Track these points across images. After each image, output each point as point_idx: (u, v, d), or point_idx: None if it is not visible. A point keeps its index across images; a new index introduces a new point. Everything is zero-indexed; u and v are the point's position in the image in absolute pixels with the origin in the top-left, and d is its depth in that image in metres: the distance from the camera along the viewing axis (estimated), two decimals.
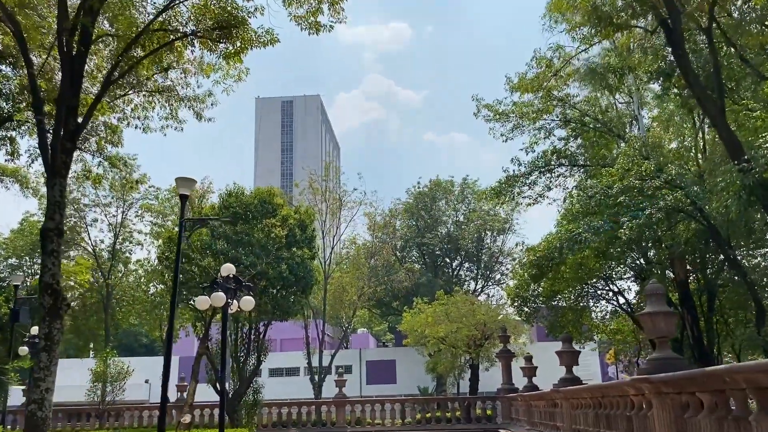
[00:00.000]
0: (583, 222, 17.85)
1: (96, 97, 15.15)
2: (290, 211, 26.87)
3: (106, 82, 15.16)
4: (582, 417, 15.05)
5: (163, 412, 13.42)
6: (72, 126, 12.51)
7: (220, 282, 14.87)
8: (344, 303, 43.18)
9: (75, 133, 12.82)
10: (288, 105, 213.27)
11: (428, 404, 32.58)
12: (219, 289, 14.68)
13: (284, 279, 24.51)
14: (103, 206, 40.80)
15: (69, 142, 12.57)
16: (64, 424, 30.82)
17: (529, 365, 24.02)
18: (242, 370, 25.32)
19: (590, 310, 31.62)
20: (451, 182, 63.41)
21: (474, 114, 22.78)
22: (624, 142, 20.99)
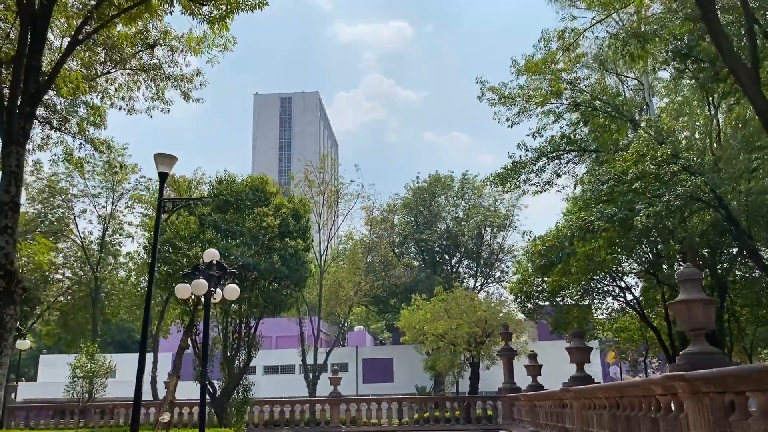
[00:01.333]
0: (596, 209, 16.62)
1: (60, 58, 13.86)
2: (283, 200, 25.61)
3: (73, 41, 13.88)
4: (595, 418, 13.83)
5: (136, 410, 12.17)
6: (32, 89, 11.29)
7: (202, 268, 13.62)
8: (340, 299, 41.89)
9: (35, 96, 11.58)
10: (286, 102, 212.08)
11: (426, 404, 31.36)
12: (201, 276, 13.43)
13: (276, 271, 23.25)
14: (92, 197, 39.51)
15: (28, 106, 11.34)
16: (47, 422, 29.58)
17: (533, 363, 22.81)
18: (232, 366, 24.04)
19: (596, 307, 30.41)
20: (450, 177, 62.13)
21: (478, 97, 21.57)
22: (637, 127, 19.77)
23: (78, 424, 27.19)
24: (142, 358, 12.48)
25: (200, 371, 24.19)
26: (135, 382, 12.14)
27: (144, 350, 12.52)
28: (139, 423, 12.21)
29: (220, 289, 13.83)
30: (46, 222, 38.64)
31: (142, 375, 12.30)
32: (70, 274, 40.90)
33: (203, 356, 13.23)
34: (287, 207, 25.28)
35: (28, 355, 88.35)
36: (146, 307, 12.86)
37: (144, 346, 12.56)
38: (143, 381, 12.27)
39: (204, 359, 13.15)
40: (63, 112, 21.30)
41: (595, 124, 20.60)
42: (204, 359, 13.15)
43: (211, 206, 24.03)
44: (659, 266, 26.17)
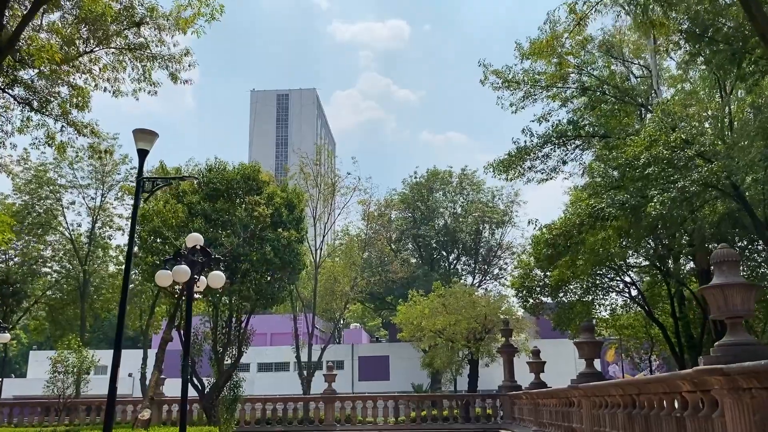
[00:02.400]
0: (606, 196, 15.64)
1: (23, 18, 12.80)
2: (276, 190, 24.56)
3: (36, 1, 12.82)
4: (608, 418, 12.85)
5: (110, 408, 11.14)
6: None
7: (185, 254, 12.59)
8: (336, 294, 40.85)
9: None
10: (283, 98, 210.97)
11: (423, 402, 30.38)
12: (183, 262, 12.40)
13: (268, 262, 22.21)
14: (81, 188, 38.40)
15: None
16: (31, 419, 28.51)
17: (536, 360, 21.83)
18: (221, 362, 23.00)
19: (599, 303, 29.45)
20: (448, 173, 61.18)
21: (480, 81, 20.54)
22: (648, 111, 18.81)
23: (63, 420, 26.12)
24: (117, 352, 11.49)
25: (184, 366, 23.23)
26: (109, 377, 11.13)
27: (119, 343, 11.54)
28: (113, 421, 11.21)
29: (205, 276, 12.81)
30: (33, 213, 37.50)
31: (116, 370, 11.32)
32: (58, 268, 39.80)
33: (185, 349, 12.21)
34: (280, 196, 24.24)
35: (19, 351, 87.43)
36: (122, 296, 11.90)
37: (119, 339, 11.58)
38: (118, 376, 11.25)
39: (186, 352, 12.14)
40: (44, 93, 20.30)
41: (603, 110, 19.63)
42: (186, 352, 12.14)
43: (201, 194, 22.98)
44: (666, 260, 25.25)
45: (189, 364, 12.00)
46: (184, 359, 12.13)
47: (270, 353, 64.51)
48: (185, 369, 11.98)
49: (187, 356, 12.10)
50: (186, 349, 12.19)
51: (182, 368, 11.92)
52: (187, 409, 28.33)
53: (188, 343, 12.27)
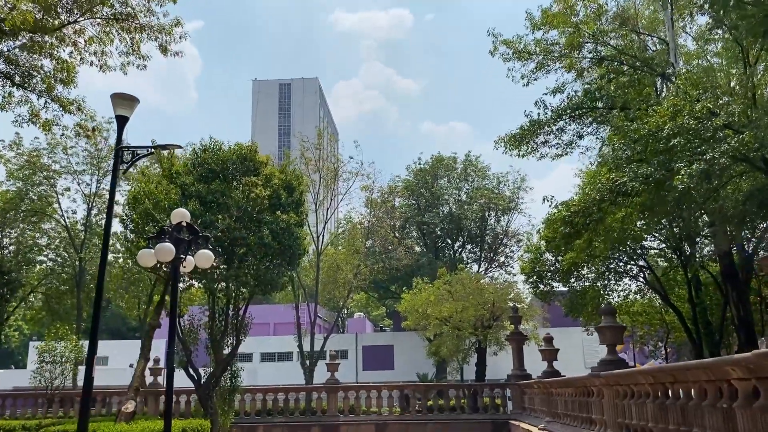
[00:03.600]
0: (629, 169, 14.44)
1: None
2: (275, 171, 23.40)
3: None
4: (634, 409, 11.73)
5: (85, 401, 10.07)
6: None
7: (169, 231, 11.47)
8: (338, 282, 39.75)
9: None
10: (286, 88, 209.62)
11: (429, 392, 29.36)
12: (167, 239, 11.28)
13: (266, 246, 21.07)
14: (75, 173, 37.27)
15: None
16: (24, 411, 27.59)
17: (549, 347, 20.71)
18: (219, 351, 21.95)
19: (611, 289, 28.29)
20: (453, 159, 59.92)
21: (490, 52, 19.30)
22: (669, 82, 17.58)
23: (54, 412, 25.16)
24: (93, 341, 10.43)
25: (184, 357, 22.21)
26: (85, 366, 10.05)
27: (95, 332, 10.47)
28: (88, 415, 10.17)
29: (192, 256, 11.69)
30: (27, 200, 36.43)
31: (92, 360, 10.27)
32: (53, 256, 38.77)
33: (169, 335, 11.12)
34: (279, 178, 23.08)
35: (21, 342, 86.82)
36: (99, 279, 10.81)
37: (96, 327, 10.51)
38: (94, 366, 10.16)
39: (171, 338, 11.05)
40: (26, 66, 19.17)
41: (621, 82, 18.39)
42: (171, 338, 11.05)
43: (195, 176, 21.84)
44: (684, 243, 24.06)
45: (174, 351, 10.90)
46: (169, 346, 11.04)
47: (273, 343, 63.70)
48: (170, 357, 10.90)
49: (172, 343, 11.02)
50: (171, 336, 11.10)
51: (167, 356, 10.82)
52: (185, 400, 27.56)
53: (173, 329, 11.17)
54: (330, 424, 27.47)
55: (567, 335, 43.69)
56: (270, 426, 27.60)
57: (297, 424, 27.64)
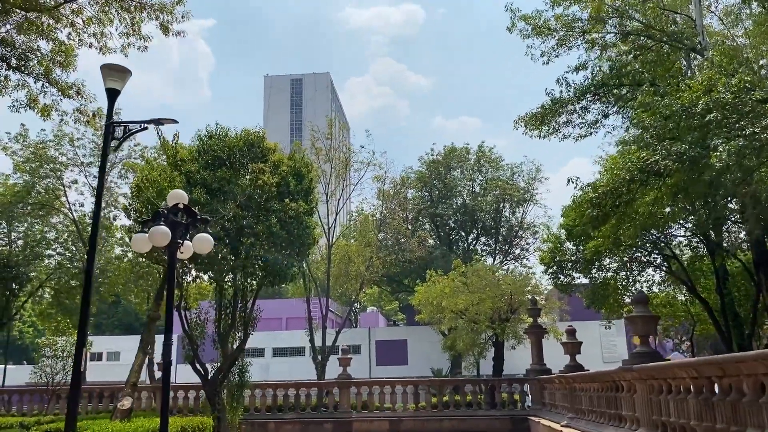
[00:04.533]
0: (661, 147, 13.37)
1: None
2: (283, 157, 22.50)
3: None
4: (672, 405, 10.72)
5: (74, 395, 9.23)
6: None
7: (165, 213, 10.59)
8: (350, 275, 38.82)
9: None
10: (297, 83, 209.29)
11: (445, 387, 28.41)
12: (163, 223, 10.41)
13: (274, 235, 20.20)
14: (83, 166, 36.60)
15: None
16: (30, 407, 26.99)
17: (571, 340, 19.70)
18: (225, 345, 21.12)
19: (634, 279, 27.16)
20: (466, 149, 58.77)
21: (508, 28, 18.24)
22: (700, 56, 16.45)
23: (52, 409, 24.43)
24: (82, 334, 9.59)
25: (190, 352, 21.42)
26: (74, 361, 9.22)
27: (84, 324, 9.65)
28: (76, 411, 9.36)
29: (189, 239, 10.81)
30: (33, 193, 35.84)
31: (81, 353, 9.48)
32: (62, 250, 38.20)
33: (166, 327, 10.26)
34: (287, 165, 22.18)
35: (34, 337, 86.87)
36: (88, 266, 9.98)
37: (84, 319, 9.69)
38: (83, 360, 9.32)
39: (167, 331, 10.19)
40: (22, 49, 18.41)
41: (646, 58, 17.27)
42: (167, 331, 10.19)
43: (200, 163, 21.01)
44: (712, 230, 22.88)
45: (170, 344, 10.04)
46: (166, 338, 10.18)
47: (285, 338, 63.11)
48: (167, 351, 10.05)
49: (169, 335, 10.15)
50: (168, 328, 10.24)
51: (163, 349, 9.97)
52: (194, 396, 26.82)
53: (170, 321, 10.30)
54: (343, 420, 26.61)
55: (584, 329, 42.32)
56: (281, 422, 26.80)
57: (309, 421, 26.83)
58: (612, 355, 58.19)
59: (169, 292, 10.51)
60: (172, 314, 10.44)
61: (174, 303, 22.39)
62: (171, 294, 10.52)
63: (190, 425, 15.08)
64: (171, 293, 10.52)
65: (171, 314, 10.44)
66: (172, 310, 10.42)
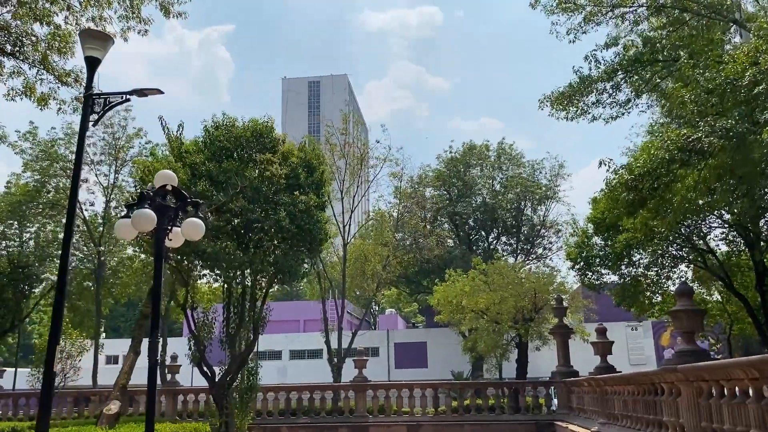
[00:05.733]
0: (704, 123, 12.01)
1: None
2: (293, 149, 21.40)
3: None
4: (726, 411, 9.37)
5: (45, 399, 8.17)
6: None
7: (150, 196, 9.51)
8: (366, 275, 37.62)
9: None
10: (315, 85, 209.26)
11: (466, 390, 27.09)
12: (148, 206, 9.33)
13: (283, 230, 19.08)
14: (93, 164, 35.97)
15: None
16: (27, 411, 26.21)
17: (602, 339, 18.33)
18: (233, 346, 20.04)
19: (666, 276, 25.62)
20: (485, 146, 57.24)
21: (531, 5, 16.95)
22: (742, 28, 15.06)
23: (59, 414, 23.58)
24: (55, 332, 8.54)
25: (197, 353, 20.38)
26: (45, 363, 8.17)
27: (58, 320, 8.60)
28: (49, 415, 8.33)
29: (178, 225, 9.70)
30: (44, 192, 35.28)
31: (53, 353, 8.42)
32: (72, 250, 37.58)
33: (152, 320, 9.17)
34: (297, 156, 21.07)
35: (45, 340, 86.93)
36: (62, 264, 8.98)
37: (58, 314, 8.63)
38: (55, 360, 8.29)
39: (153, 328, 9.10)
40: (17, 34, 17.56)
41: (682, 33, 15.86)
42: (153, 328, 9.10)
43: (206, 154, 19.98)
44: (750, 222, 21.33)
45: (156, 341, 8.94)
46: (151, 335, 9.08)
47: (302, 340, 62.12)
48: (153, 349, 8.94)
49: (155, 332, 9.07)
50: (154, 324, 9.15)
51: (149, 348, 8.88)
52: (204, 399, 25.83)
53: (156, 317, 9.21)
54: (358, 425, 25.44)
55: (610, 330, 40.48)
56: (294, 427, 25.72)
57: (323, 425, 25.71)
58: (639, 358, 56.25)
59: (156, 285, 9.41)
60: (158, 310, 9.34)
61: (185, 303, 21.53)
62: (158, 287, 9.42)
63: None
64: (158, 286, 9.42)
65: (157, 309, 9.34)
66: (158, 305, 9.32)
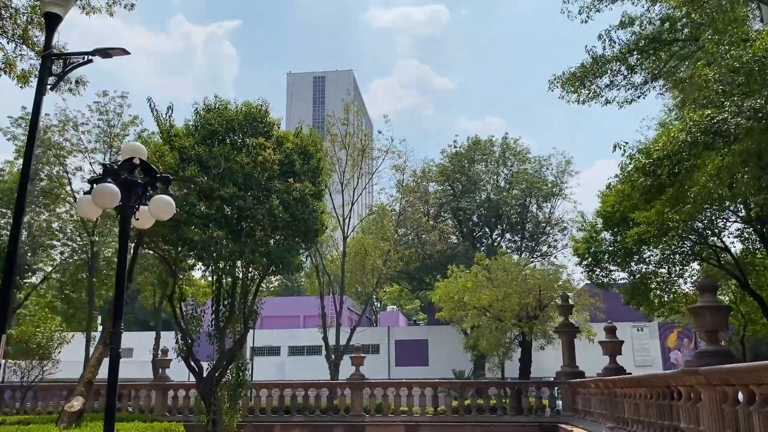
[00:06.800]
0: (730, 103, 10.97)
1: None
2: (288, 134, 20.39)
3: None
4: (758, 419, 8.35)
5: None
6: None
7: (115, 170, 8.52)
8: (366, 269, 36.62)
9: None
10: (320, 81, 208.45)
11: (467, 390, 26.08)
12: (111, 180, 8.34)
13: (276, 218, 18.08)
14: (87, 152, 35.06)
15: None
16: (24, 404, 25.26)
17: (611, 338, 17.28)
18: (222, 340, 19.07)
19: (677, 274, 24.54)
20: (490, 141, 56.27)
21: None
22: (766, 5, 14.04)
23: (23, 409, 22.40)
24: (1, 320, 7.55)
25: (183, 346, 19.44)
26: None
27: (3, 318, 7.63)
28: None
29: (146, 203, 8.71)
30: (36, 180, 34.38)
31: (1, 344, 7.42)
32: (66, 240, 36.76)
33: (116, 309, 8.19)
34: (293, 142, 20.06)
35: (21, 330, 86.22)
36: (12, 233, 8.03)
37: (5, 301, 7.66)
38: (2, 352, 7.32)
39: (116, 316, 8.12)
40: None
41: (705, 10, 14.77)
42: (116, 316, 8.12)
43: (196, 138, 18.99)
44: None
45: (120, 332, 7.95)
46: (114, 325, 8.10)
47: (302, 336, 61.23)
48: (115, 339, 7.97)
49: (119, 321, 8.07)
50: (117, 313, 8.16)
51: (112, 338, 7.92)
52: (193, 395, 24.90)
53: (120, 301, 8.22)
54: (354, 424, 24.43)
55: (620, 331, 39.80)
56: (288, 425, 24.71)
57: (318, 424, 24.70)
58: (644, 359, 55.12)
59: (120, 268, 8.43)
60: (123, 294, 8.35)
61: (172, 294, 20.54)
62: (122, 270, 8.44)
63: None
64: (122, 269, 8.44)
65: (121, 295, 8.36)
66: (123, 289, 8.34)
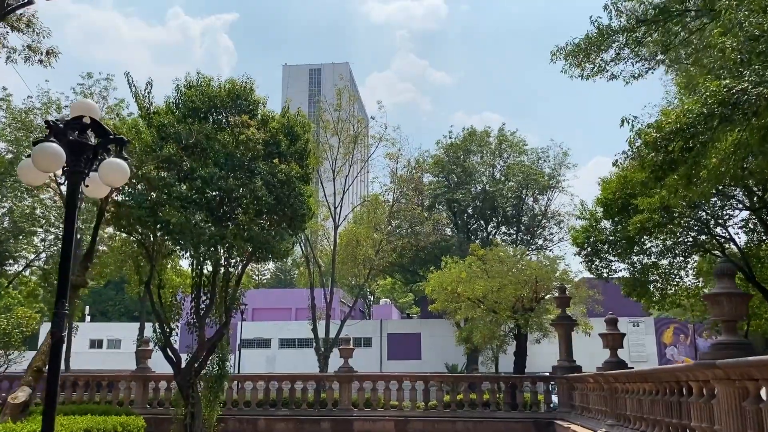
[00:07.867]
0: (749, 72, 10.00)
1: None
2: (274, 114, 19.34)
3: None
4: None
5: None
6: None
7: (61, 128, 7.49)
8: (358, 259, 35.64)
9: None
10: (316, 73, 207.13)
11: (459, 384, 25.20)
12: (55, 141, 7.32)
13: (259, 201, 17.06)
14: None
15: None
16: None
17: (612, 330, 16.34)
18: (202, 329, 18.07)
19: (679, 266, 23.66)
20: (486, 132, 55.26)
21: None
22: None
23: None
24: None
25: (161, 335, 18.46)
26: None
27: None
28: None
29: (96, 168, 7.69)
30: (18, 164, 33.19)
31: None
32: (47, 226, 35.60)
33: (60, 288, 7.18)
34: (279, 122, 19.02)
35: None
36: None
37: None
38: None
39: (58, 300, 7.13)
40: None
41: None
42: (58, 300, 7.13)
43: (176, 115, 17.93)
44: None
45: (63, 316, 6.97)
46: (56, 304, 7.10)
47: (292, 328, 60.32)
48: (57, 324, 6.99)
49: (62, 306, 7.08)
50: (60, 296, 7.16)
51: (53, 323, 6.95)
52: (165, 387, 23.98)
53: (65, 282, 7.21)
54: (342, 419, 23.47)
55: None
56: (273, 419, 23.75)
57: (304, 418, 23.74)
58: (640, 355, 54.45)
59: (65, 242, 7.42)
60: (68, 276, 7.33)
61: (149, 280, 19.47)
62: (68, 243, 7.43)
63: (104, 428, 11.18)
64: (68, 242, 7.43)
65: (66, 276, 7.34)
66: (68, 270, 7.32)
